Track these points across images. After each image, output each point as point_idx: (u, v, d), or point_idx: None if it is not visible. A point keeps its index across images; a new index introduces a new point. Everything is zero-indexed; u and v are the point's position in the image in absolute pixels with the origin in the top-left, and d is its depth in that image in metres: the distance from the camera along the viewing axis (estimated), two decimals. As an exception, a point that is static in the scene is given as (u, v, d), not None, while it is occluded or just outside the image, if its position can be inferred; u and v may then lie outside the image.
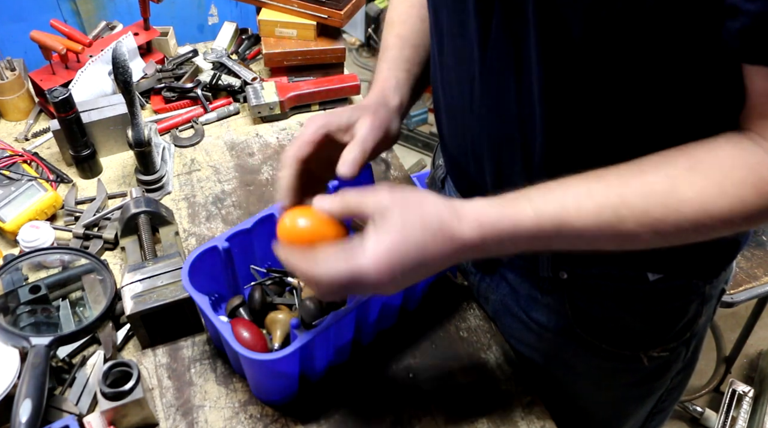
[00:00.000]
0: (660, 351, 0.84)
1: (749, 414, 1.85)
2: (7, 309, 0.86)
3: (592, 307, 0.81)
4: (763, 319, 1.87)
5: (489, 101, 0.69)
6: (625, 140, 0.63)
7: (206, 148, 1.25)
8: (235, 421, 0.83)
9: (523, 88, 0.64)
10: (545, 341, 0.87)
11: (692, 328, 0.84)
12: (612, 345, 0.83)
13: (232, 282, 0.90)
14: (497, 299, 0.91)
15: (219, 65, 1.38)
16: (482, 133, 0.73)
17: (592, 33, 0.55)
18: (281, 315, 0.87)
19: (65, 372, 0.86)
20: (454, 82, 0.75)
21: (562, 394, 0.91)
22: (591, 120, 0.63)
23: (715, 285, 0.81)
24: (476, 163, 0.77)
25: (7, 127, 1.28)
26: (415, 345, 0.91)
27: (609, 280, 0.77)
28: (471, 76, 0.70)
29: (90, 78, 1.24)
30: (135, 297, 0.87)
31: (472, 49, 0.67)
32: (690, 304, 0.81)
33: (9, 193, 1.06)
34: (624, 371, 0.87)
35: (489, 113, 0.70)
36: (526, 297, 0.85)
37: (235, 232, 0.84)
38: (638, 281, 0.76)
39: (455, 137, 0.81)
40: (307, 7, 1.34)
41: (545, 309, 0.83)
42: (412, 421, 0.83)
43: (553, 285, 0.80)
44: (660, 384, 0.91)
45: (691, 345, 0.87)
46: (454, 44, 0.71)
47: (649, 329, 0.82)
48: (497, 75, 0.66)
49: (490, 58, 0.66)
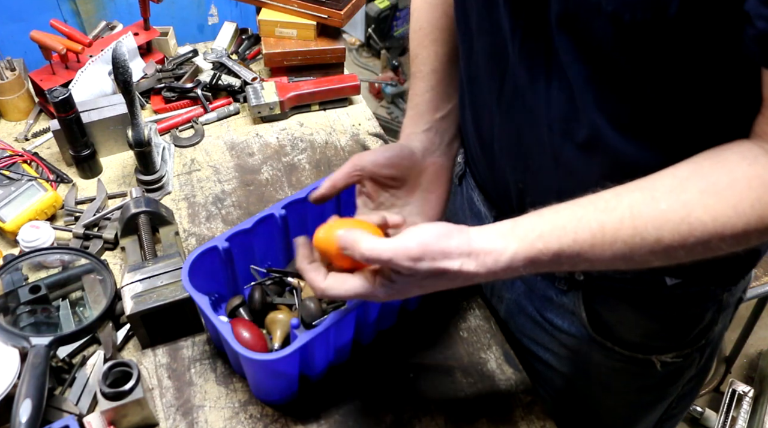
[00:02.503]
0: (674, 357, 0.83)
1: (749, 414, 1.85)
2: (7, 309, 0.86)
3: (608, 310, 0.80)
4: (763, 319, 1.87)
5: (519, 96, 0.69)
6: (652, 140, 0.62)
7: (206, 148, 1.25)
8: (235, 421, 0.83)
9: (552, 85, 0.64)
10: (558, 342, 0.87)
11: (707, 335, 0.83)
12: (625, 349, 0.82)
13: (232, 282, 0.90)
14: (512, 298, 0.91)
15: (219, 65, 1.38)
16: (509, 130, 0.73)
17: (616, 37, 0.55)
18: (281, 315, 0.87)
19: (65, 372, 0.86)
20: (483, 78, 0.74)
21: (573, 396, 0.91)
22: (620, 117, 0.62)
23: (733, 292, 0.80)
24: (500, 160, 0.77)
25: (7, 127, 1.28)
26: (415, 345, 0.91)
27: (626, 283, 0.77)
28: (502, 72, 0.69)
29: (90, 78, 1.24)
30: (135, 297, 0.87)
31: (505, 45, 0.67)
32: (707, 311, 0.80)
33: (9, 193, 1.06)
34: (636, 375, 0.86)
35: (518, 109, 0.70)
36: (541, 297, 0.85)
37: (235, 232, 0.84)
38: (655, 285, 0.75)
39: (479, 133, 0.80)
40: (307, 7, 1.34)
41: (560, 309, 0.83)
42: (412, 421, 0.83)
43: (569, 286, 0.80)
44: (672, 390, 0.90)
45: (705, 353, 0.86)
46: (484, 41, 0.71)
47: (664, 334, 0.81)
48: (528, 71, 0.66)
49: (521, 55, 0.65)
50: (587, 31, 0.56)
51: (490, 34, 0.69)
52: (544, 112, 0.67)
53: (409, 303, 0.93)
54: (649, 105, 0.60)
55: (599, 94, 0.61)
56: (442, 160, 0.81)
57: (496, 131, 0.75)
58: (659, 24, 0.52)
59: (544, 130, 0.68)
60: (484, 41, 0.71)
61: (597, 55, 0.58)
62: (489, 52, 0.71)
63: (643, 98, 0.59)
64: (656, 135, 0.62)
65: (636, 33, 0.54)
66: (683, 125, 0.60)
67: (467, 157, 0.91)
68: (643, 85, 0.58)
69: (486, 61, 0.72)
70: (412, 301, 0.93)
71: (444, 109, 0.83)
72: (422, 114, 0.82)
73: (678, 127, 0.61)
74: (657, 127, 0.62)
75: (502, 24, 0.65)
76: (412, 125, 0.82)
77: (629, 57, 0.56)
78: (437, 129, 0.82)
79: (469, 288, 0.98)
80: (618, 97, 0.60)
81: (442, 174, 0.81)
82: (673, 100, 0.59)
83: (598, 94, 0.61)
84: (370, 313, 0.84)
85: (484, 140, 0.80)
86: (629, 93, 0.59)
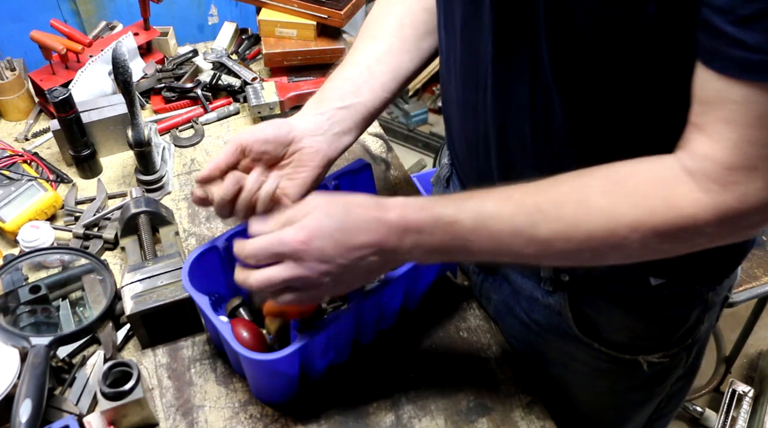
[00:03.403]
0: (660, 357, 0.83)
1: (749, 414, 1.85)
2: (7, 309, 0.86)
3: (593, 310, 0.80)
4: (763, 319, 1.87)
5: (502, 94, 0.69)
6: (631, 138, 0.63)
7: (206, 148, 1.25)
8: (235, 421, 0.83)
9: (538, 81, 0.64)
10: (546, 342, 0.87)
11: (693, 335, 0.83)
12: (612, 349, 0.82)
13: (232, 282, 0.89)
14: (499, 299, 0.91)
15: (219, 65, 1.38)
16: (493, 127, 0.73)
17: (599, 32, 0.56)
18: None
19: (65, 372, 0.86)
20: (467, 75, 0.74)
21: (562, 396, 0.91)
22: (600, 112, 0.63)
23: (718, 291, 0.81)
24: (485, 158, 0.77)
25: (7, 127, 1.28)
26: (415, 345, 0.91)
27: (611, 284, 0.77)
28: (484, 69, 0.70)
29: (90, 78, 1.24)
30: (135, 297, 0.87)
31: (487, 42, 0.67)
32: (692, 311, 0.80)
33: (9, 193, 1.06)
34: (623, 375, 0.86)
35: (501, 106, 0.70)
36: (528, 298, 0.85)
37: (235, 232, 0.84)
38: (641, 285, 0.76)
39: (465, 131, 0.81)
40: (307, 7, 1.34)
41: (546, 310, 0.83)
42: (412, 421, 0.83)
43: (555, 287, 0.80)
44: (660, 389, 0.90)
45: (692, 352, 0.87)
46: (468, 38, 0.71)
47: (650, 334, 0.82)
48: (512, 68, 0.66)
49: (505, 51, 0.66)
50: (570, 20, 0.57)
51: (474, 30, 0.69)
52: (527, 111, 0.67)
53: (409, 303, 0.93)
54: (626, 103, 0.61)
55: (579, 92, 0.62)
56: (321, 145, 0.80)
57: (482, 129, 0.76)
58: (636, 20, 0.53)
59: (526, 127, 0.69)
60: (468, 39, 0.71)
61: (578, 49, 0.59)
62: (471, 51, 0.71)
63: (625, 96, 0.61)
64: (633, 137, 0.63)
65: (616, 27, 0.55)
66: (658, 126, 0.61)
67: (453, 158, 0.91)
68: (622, 79, 0.59)
69: (469, 59, 0.73)
70: (412, 301, 0.93)
71: (348, 101, 0.82)
72: (324, 100, 0.82)
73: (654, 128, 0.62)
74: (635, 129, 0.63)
75: (484, 21, 0.66)
76: (310, 106, 0.83)
77: (610, 49, 0.57)
78: (330, 117, 0.81)
79: (469, 289, 0.98)
80: (584, 101, 0.62)
81: (316, 157, 0.79)
82: (648, 98, 0.60)
83: (577, 92, 0.62)
84: (370, 313, 0.84)
85: (469, 138, 0.80)
86: (609, 91, 0.61)
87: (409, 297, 0.91)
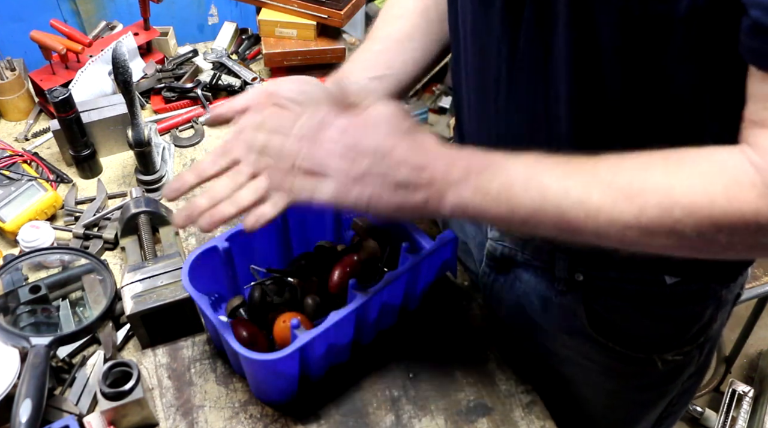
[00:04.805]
0: (674, 355, 0.83)
1: (749, 414, 1.85)
2: (7, 309, 0.86)
3: (608, 310, 0.80)
4: (763, 319, 1.87)
5: (515, 100, 0.69)
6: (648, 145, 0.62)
7: (206, 148, 1.25)
8: (235, 421, 0.83)
9: (550, 88, 0.64)
10: (558, 342, 0.87)
11: (707, 332, 0.83)
12: (626, 348, 0.82)
13: (232, 282, 0.90)
14: (511, 299, 0.90)
15: (219, 65, 1.38)
16: (506, 132, 0.73)
17: (622, 34, 0.55)
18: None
19: (65, 372, 0.86)
20: (479, 80, 0.74)
21: (573, 396, 0.91)
22: (616, 122, 0.62)
23: (731, 289, 0.80)
24: None
25: (7, 127, 1.28)
26: (415, 345, 0.91)
27: (626, 283, 0.77)
28: (497, 74, 0.69)
29: (90, 78, 1.24)
30: (135, 297, 0.87)
31: (499, 47, 0.66)
32: (706, 309, 0.80)
33: (9, 193, 1.06)
34: (637, 374, 0.86)
35: (514, 112, 0.70)
36: (541, 299, 0.85)
37: (235, 232, 0.84)
38: (655, 284, 0.76)
39: (476, 135, 0.80)
40: (307, 7, 1.34)
41: (560, 310, 0.83)
42: (412, 421, 0.83)
43: (569, 287, 0.80)
44: (672, 387, 0.90)
45: (705, 350, 0.86)
46: (479, 43, 0.70)
47: (665, 332, 0.82)
48: (526, 73, 0.65)
49: (519, 57, 0.65)
50: (593, 23, 0.55)
51: (485, 35, 0.68)
52: (542, 113, 0.67)
53: (409, 303, 0.93)
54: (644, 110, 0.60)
55: (594, 101, 0.61)
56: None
57: (494, 133, 0.75)
58: (667, 18, 0.52)
59: (541, 134, 0.68)
60: (479, 43, 0.71)
61: (598, 55, 0.57)
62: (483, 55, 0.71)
63: (643, 103, 0.60)
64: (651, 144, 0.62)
65: (642, 27, 0.53)
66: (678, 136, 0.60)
67: None
68: (642, 87, 0.58)
69: (480, 62, 0.72)
70: (412, 301, 0.93)
71: (380, 72, 0.80)
72: (354, 71, 0.80)
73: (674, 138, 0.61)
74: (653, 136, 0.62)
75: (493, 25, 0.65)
76: (339, 75, 0.80)
77: (631, 54, 0.56)
78: (364, 86, 0.78)
79: (469, 289, 0.98)
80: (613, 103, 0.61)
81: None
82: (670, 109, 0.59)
83: (592, 102, 0.61)
84: (370, 313, 0.84)
85: (481, 142, 0.79)
86: (627, 98, 0.60)
87: (409, 296, 0.91)
